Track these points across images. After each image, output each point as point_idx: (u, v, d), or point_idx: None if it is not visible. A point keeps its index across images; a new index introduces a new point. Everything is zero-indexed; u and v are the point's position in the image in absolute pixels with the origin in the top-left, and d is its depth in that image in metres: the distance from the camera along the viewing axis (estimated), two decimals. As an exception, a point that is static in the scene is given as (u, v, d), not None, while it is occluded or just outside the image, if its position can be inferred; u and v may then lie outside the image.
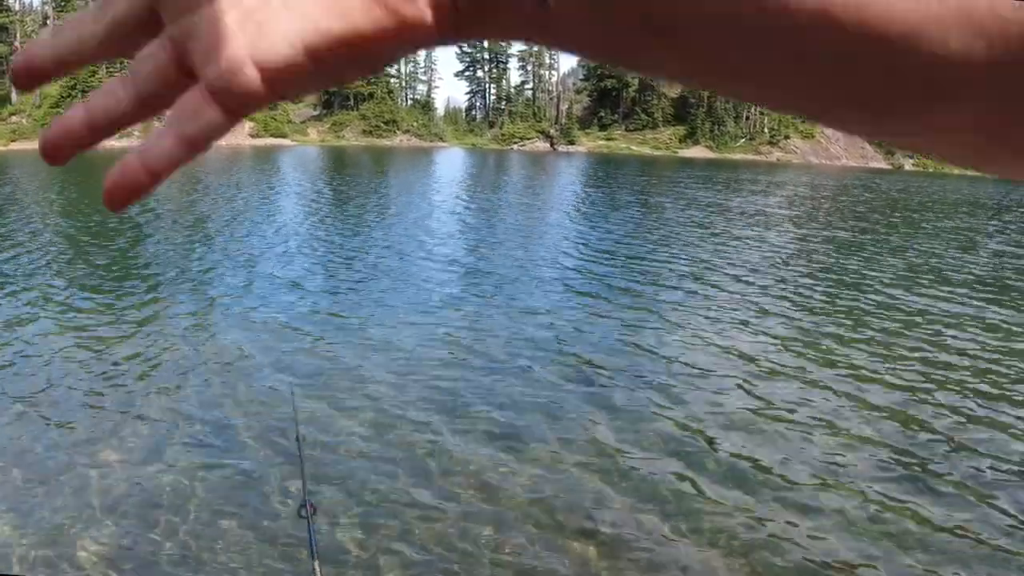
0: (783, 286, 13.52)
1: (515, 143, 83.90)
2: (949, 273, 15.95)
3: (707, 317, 11.31)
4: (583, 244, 18.39)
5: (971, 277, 15.57)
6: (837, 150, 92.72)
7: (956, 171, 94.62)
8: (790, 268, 15.46)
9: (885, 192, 43.94)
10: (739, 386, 8.26)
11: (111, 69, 60.16)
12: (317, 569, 2.96)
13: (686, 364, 9.07)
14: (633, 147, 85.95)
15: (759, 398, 7.87)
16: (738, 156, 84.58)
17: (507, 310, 11.44)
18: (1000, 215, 32.33)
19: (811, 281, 14.15)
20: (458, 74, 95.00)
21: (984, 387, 8.39)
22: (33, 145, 54.41)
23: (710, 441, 6.85)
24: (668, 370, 8.83)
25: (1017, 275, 16.19)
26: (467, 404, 7.66)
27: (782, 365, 8.86)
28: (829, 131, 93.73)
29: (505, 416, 7.36)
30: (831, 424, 7.29)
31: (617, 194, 32.37)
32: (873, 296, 13.01)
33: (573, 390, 8.09)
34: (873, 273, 15.30)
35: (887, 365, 9.01)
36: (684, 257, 16.51)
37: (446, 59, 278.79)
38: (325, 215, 22.90)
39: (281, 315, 10.84)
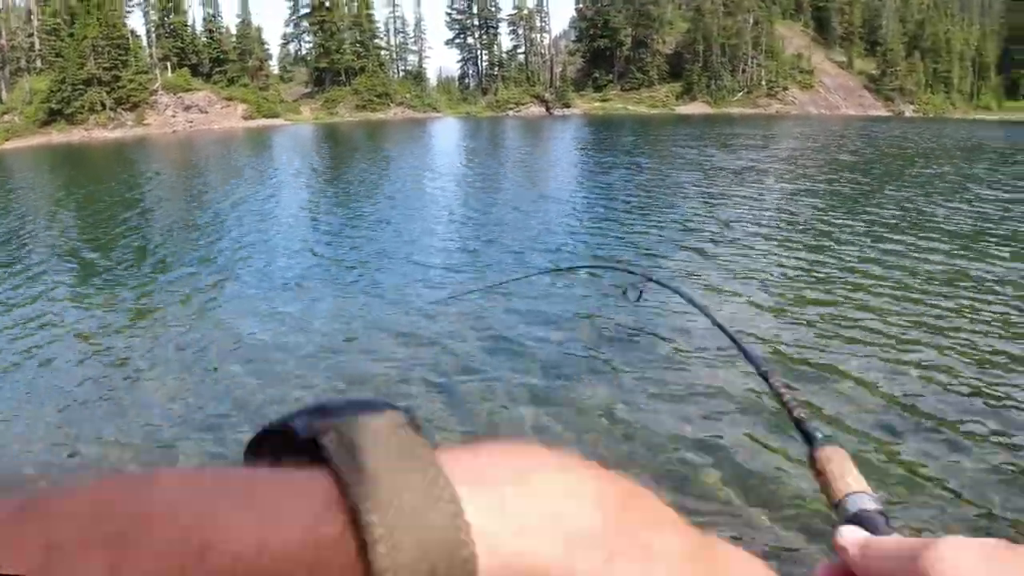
0: (787, 243, 13.44)
1: (510, 109, 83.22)
2: (937, 222, 15.85)
3: (700, 273, 11.33)
4: (578, 208, 18.44)
5: (959, 226, 15.47)
6: (836, 99, 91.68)
7: (956, 115, 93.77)
8: (787, 222, 15.36)
9: (884, 140, 43.53)
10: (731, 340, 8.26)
11: (99, 60, 59.70)
12: None
13: (679, 326, 9.12)
14: (629, 106, 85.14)
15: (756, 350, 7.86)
16: (736, 110, 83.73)
17: (506, 275, 11.57)
18: (995, 159, 32.11)
19: (810, 233, 14.07)
20: (448, 42, 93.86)
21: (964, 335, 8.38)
22: (27, 142, 54.17)
23: (698, 397, 6.90)
24: (664, 328, 8.89)
25: (1000, 223, 16.11)
26: (469, 370, 7.81)
27: (772, 319, 8.85)
28: (828, 80, 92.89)
29: (505, 380, 7.51)
30: (826, 377, 7.32)
31: (613, 156, 32.12)
32: (865, 248, 12.95)
33: (575, 353, 8.17)
34: (863, 224, 15.21)
35: (874, 314, 8.99)
36: (678, 216, 16.49)
37: (435, 28, 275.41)
38: (321, 192, 22.81)
39: (281, 296, 10.94)
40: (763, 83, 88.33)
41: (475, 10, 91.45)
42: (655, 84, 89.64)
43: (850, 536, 0.47)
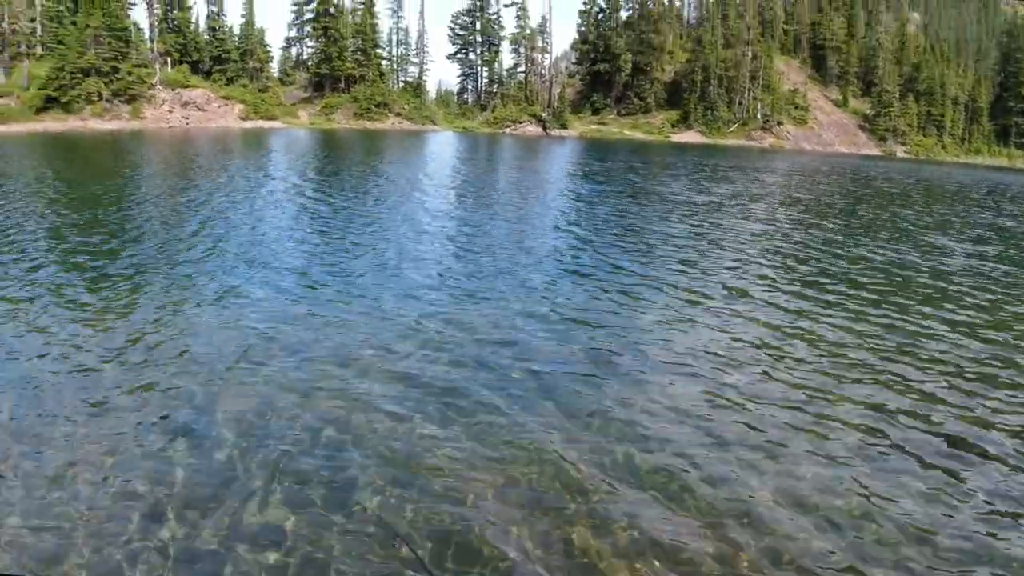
0: (779, 275, 13.68)
1: (507, 126, 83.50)
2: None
3: (686, 298, 11.52)
4: (574, 226, 18.74)
5: (945, 270, 15.77)
6: (830, 136, 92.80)
7: (947, 158, 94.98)
8: (778, 256, 15.63)
9: (875, 179, 44.11)
10: (722, 367, 8.43)
11: (100, 50, 59.61)
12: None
13: (672, 344, 9.34)
14: (626, 131, 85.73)
15: (740, 379, 8.04)
16: (731, 141, 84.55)
17: (500, 291, 11.77)
18: (970, 206, 32.68)
19: (801, 267, 14.33)
20: (450, 56, 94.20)
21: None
22: (23, 127, 53.84)
23: (697, 413, 7.03)
24: (660, 350, 9.06)
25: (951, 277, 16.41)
26: (465, 382, 7.97)
27: (770, 348, 9.03)
28: (822, 117, 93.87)
29: (501, 393, 7.71)
30: (815, 398, 7.48)
31: (606, 184, 32.42)
32: (851, 283, 13.20)
33: (569, 367, 8.29)
34: (844, 261, 15.50)
35: (862, 351, 9.19)
36: (671, 242, 16.72)
37: (438, 41, 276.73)
38: (320, 198, 22.80)
39: (276, 298, 10.96)
40: (758, 116, 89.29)
41: (478, 27, 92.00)
42: (652, 111, 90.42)
43: None
